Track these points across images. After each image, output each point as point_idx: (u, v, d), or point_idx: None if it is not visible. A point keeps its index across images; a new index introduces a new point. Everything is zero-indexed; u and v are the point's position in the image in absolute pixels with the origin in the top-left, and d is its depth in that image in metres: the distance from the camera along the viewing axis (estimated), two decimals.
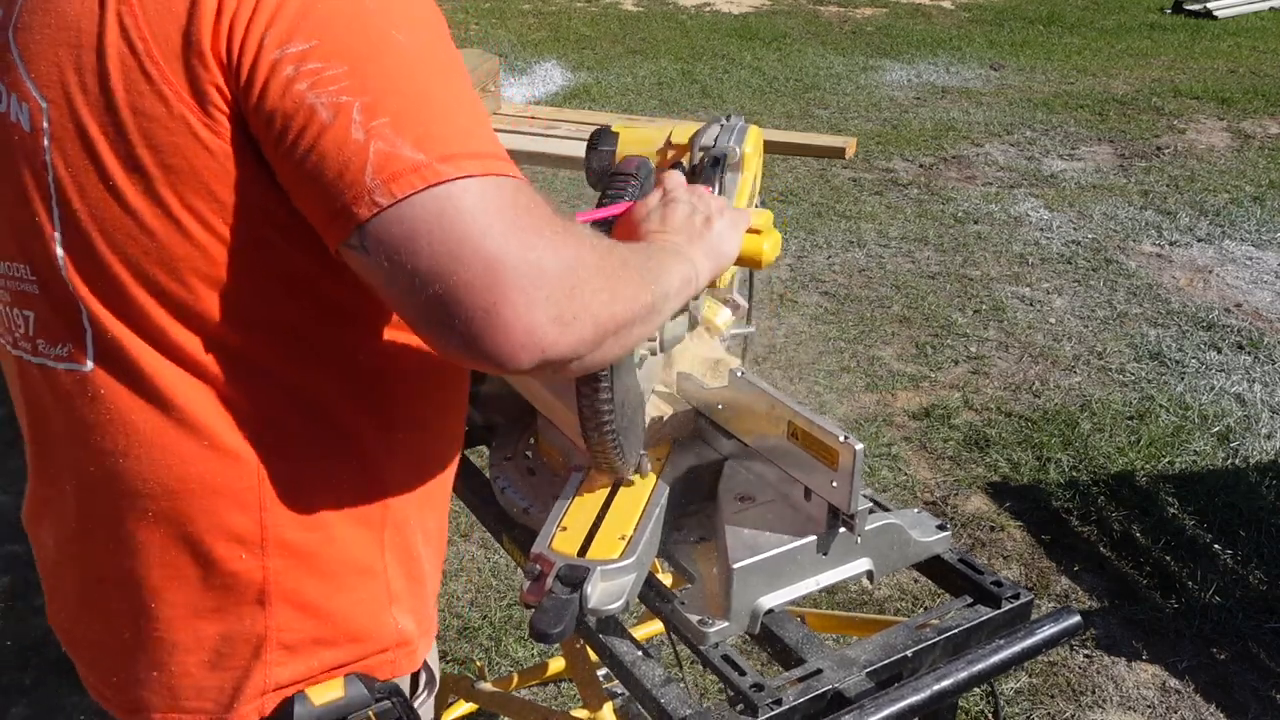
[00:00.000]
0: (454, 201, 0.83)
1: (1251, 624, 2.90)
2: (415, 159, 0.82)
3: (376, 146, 0.82)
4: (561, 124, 3.85)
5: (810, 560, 1.24)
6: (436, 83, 0.88)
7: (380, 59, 0.85)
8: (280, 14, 0.84)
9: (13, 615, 2.90)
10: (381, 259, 0.83)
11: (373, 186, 0.82)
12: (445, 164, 0.83)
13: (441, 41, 0.91)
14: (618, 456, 1.21)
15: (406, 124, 0.83)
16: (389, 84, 0.84)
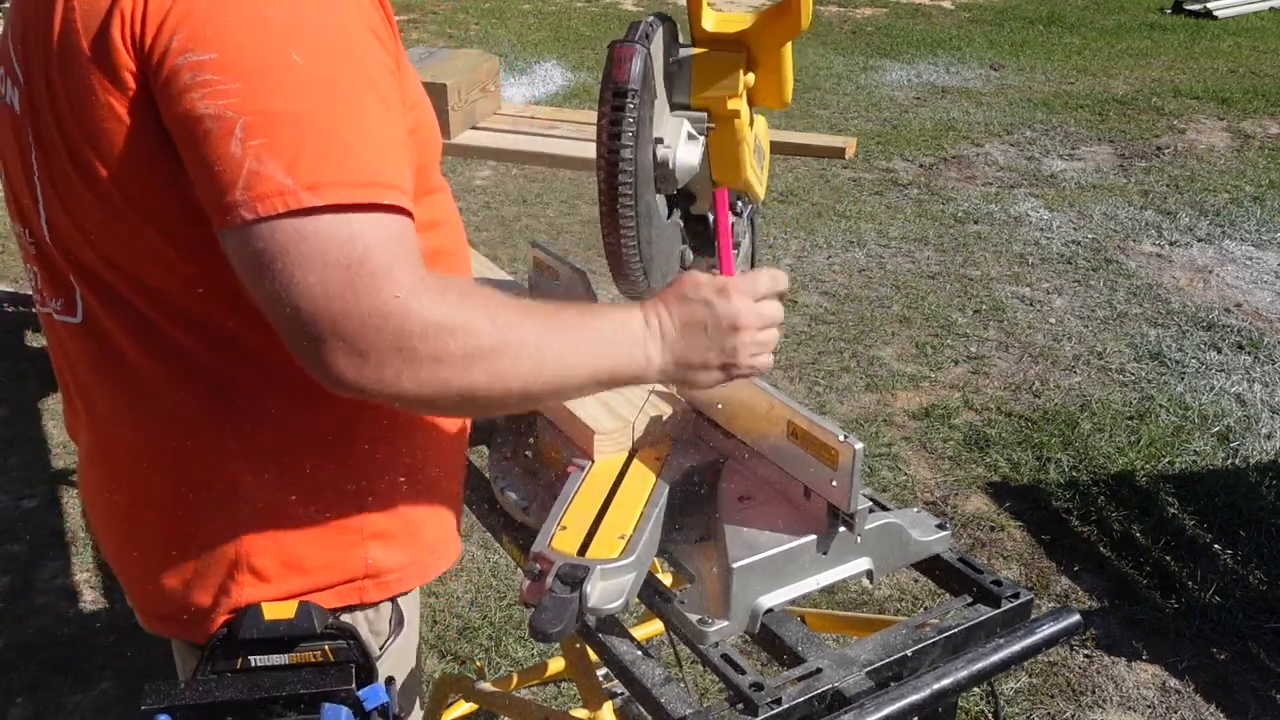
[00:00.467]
0: (310, 229, 0.87)
1: (1251, 624, 2.90)
2: (282, 183, 0.87)
3: (250, 165, 0.87)
4: (561, 124, 3.84)
5: (810, 560, 1.24)
6: (327, 107, 0.90)
7: (271, 80, 0.88)
8: (187, 20, 0.89)
9: (13, 615, 2.90)
10: (244, 264, 0.89)
11: (240, 201, 0.87)
12: (309, 191, 0.87)
13: (349, 65, 0.93)
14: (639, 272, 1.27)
15: (281, 147, 0.87)
16: (274, 105, 0.88)
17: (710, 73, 1.34)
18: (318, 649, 1.12)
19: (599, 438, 1.38)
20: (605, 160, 1.22)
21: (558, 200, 5.79)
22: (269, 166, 0.86)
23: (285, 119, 0.88)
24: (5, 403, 3.89)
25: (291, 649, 1.11)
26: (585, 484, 1.34)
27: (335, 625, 1.13)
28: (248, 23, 0.89)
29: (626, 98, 1.20)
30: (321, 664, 1.12)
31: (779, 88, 1.40)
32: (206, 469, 1.09)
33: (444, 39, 9.18)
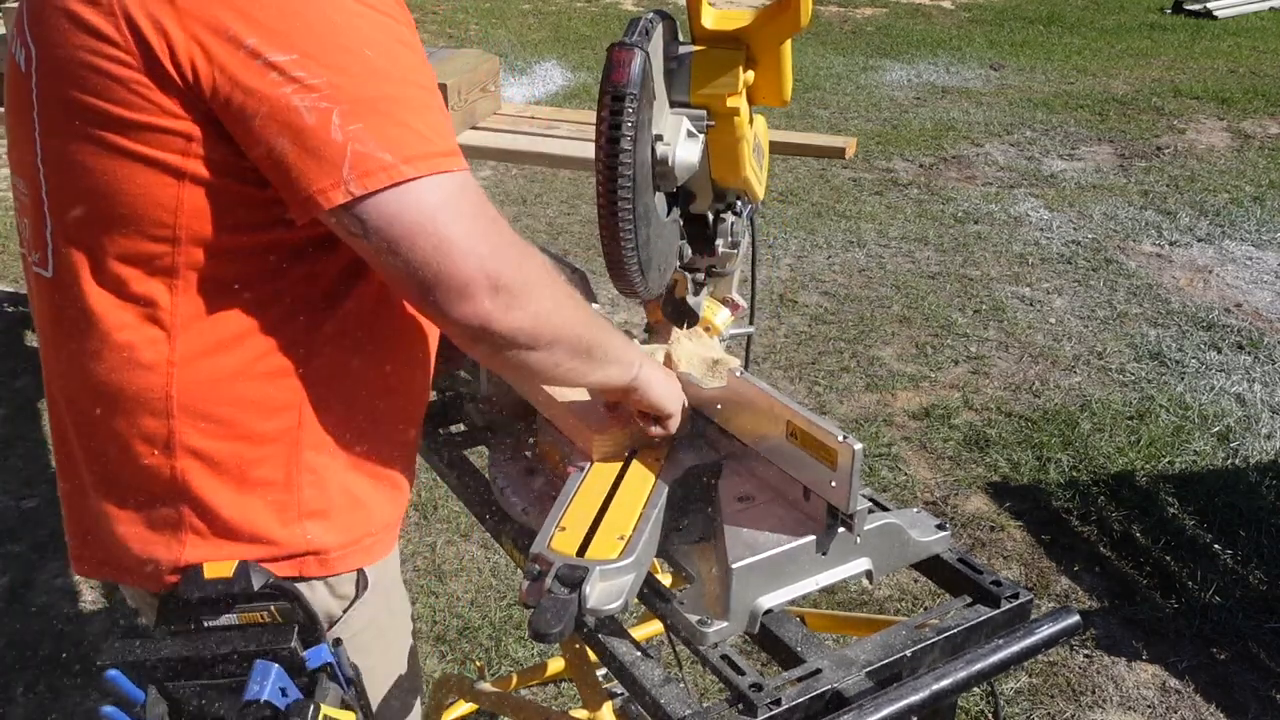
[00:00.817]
0: (413, 195, 1.01)
1: (1251, 624, 2.90)
2: (383, 159, 1.00)
3: (353, 148, 0.99)
4: (561, 124, 3.84)
5: (809, 560, 1.24)
6: (401, 92, 1.03)
7: (354, 73, 1.01)
8: (259, 20, 0.99)
9: (13, 615, 2.90)
10: (359, 234, 1.02)
11: (349, 179, 1.00)
12: (408, 165, 1.01)
13: (406, 55, 1.06)
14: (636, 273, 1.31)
15: (376, 129, 1.00)
16: (362, 94, 1.00)
17: (709, 70, 1.34)
18: (264, 609, 1.16)
19: (599, 438, 1.38)
20: (604, 163, 1.22)
21: (558, 200, 5.79)
22: (370, 146, 0.99)
23: (374, 104, 1.00)
24: (5, 403, 3.89)
25: (239, 609, 1.16)
26: (584, 484, 1.34)
27: (274, 585, 1.17)
28: (317, 25, 1.00)
29: (625, 101, 1.20)
30: (266, 624, 1.16)
31: (778, 86, 1.40)
32: (155, 424, 1.14)
33: (444, 39, 9.18)
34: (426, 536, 3.19)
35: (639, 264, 1.30)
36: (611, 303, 4.41)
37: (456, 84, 3.53)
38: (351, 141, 0.99)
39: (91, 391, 1.15)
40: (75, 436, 1.20)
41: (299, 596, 1.17)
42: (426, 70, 1.07)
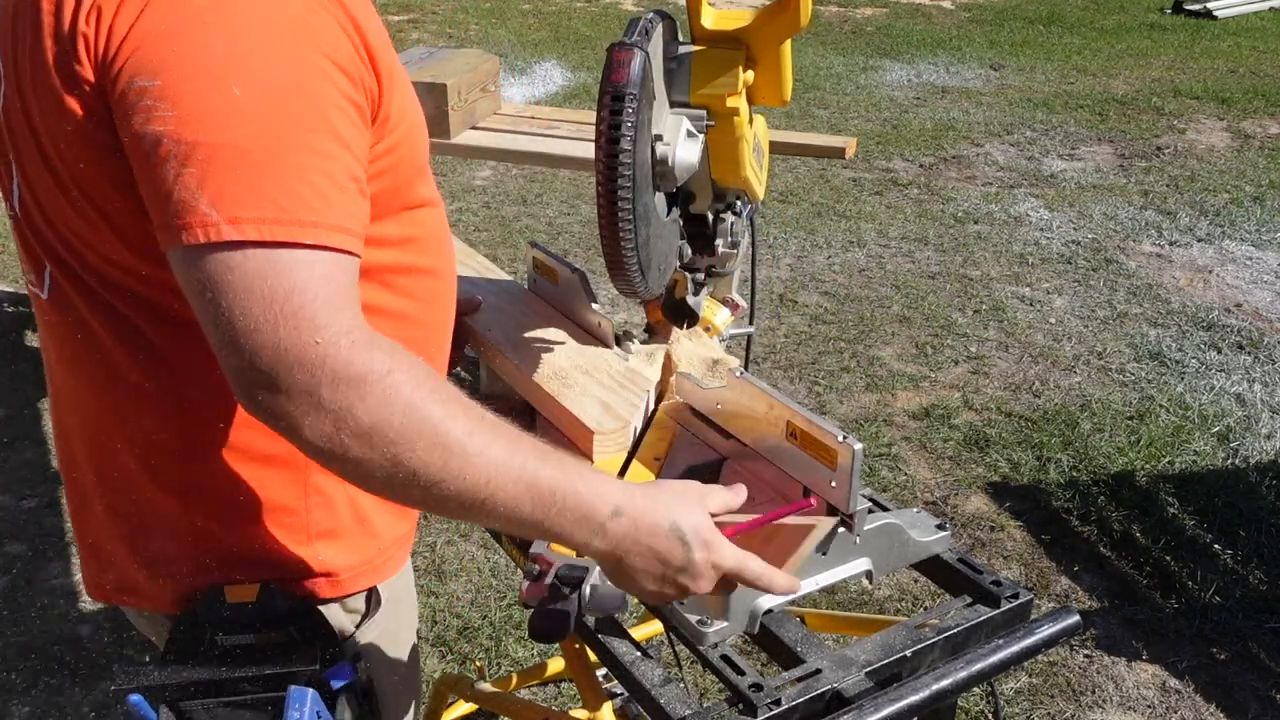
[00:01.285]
0: (238, 262, 0.88)
1: (1251, 624, 2.90)
2: (206, 214, 0.88)
3: (179, 193, 0.89)
4: (561, 124, 3.84)
5: (809, 560, 1.24)
6: (263, 142, 0.90)
7: (208, 111, 0.90)
8: (139, 45, 0.92)
9: (13, 615, 2.90)
10: (181, 285, 0.92)
11: (171, 226, 0.90)
12: (231, 225, 0.88)
13: (294, 99, 0.92)
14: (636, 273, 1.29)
15: (210, 179, 0.89)
16: (208, 137, 0.89)
17: (709, 70, 1.34)
18: (283, 630, 1.14)
19: (599, 438, 1.38)
20: (604, 163, 1.22)
21: (558, 200, 5.79)
22: (196, 196, 0.88)
23: (217, 151, 0.89)
24: (5, 403, 3.89)
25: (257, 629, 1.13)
26: None
27: (298, 609, 1.15)
28: (190, 52, 0.91)
29: (624, 101, 1.20)
30: (287, 644, 1.13)
31: (778, 86, 1.40)
32: (163, 446, 1.12)
33: (444, 39, 9.19)
34: (426, 536, 3.19)
35: (639, 264, 1.30)
36: (611, 303, 4.41)
37: (456, 84, 3.53)
38: (179, 187, 0.89)
39: (103, 422, 1.13)
40: (86, 461, 1.18)
41: (322, 618, 1.16)
42: (323, 121, 0.93)
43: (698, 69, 1.35)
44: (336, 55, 0.95)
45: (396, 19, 9.86)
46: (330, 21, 0.96)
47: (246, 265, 0.88)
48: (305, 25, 0.94)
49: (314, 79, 0.93)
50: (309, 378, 0.88)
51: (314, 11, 0.95)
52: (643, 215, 1.28)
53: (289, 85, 0.92)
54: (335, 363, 0.89)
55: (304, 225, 0.90)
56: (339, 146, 0.94)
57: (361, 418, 0.89)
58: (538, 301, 1.74)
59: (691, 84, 1.35)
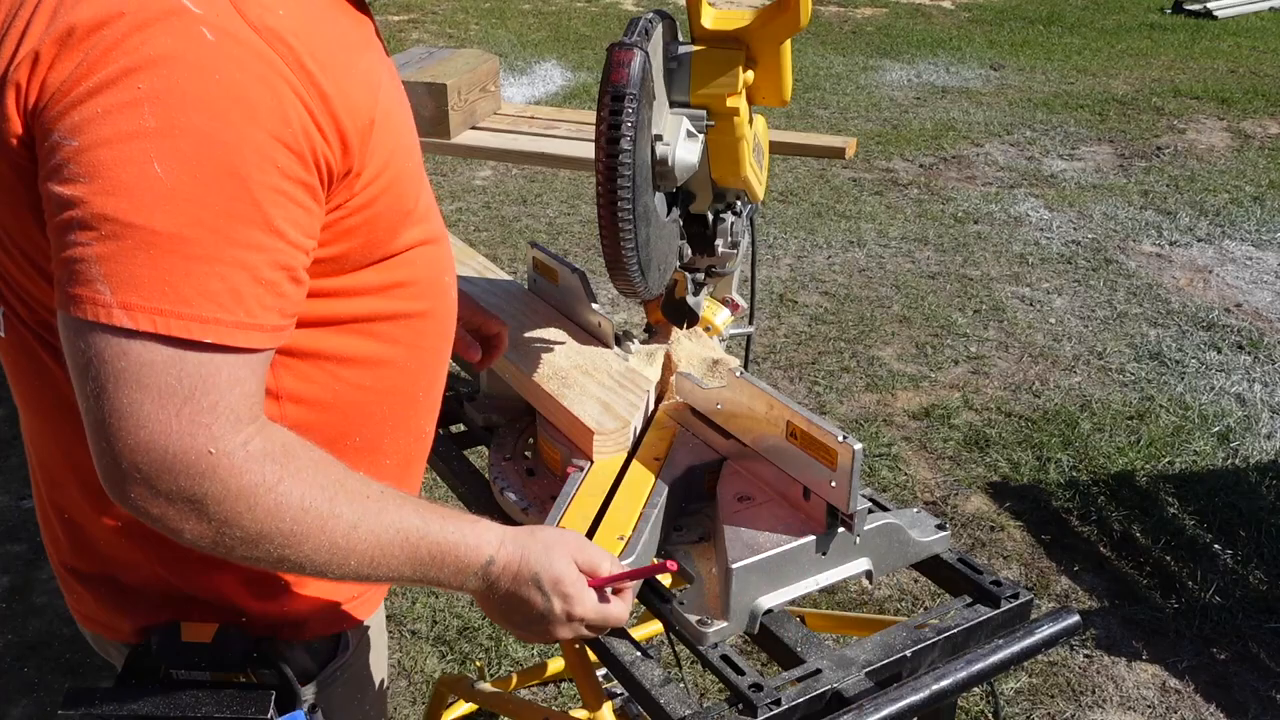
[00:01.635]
0: (134, 349, 0.84)
1: (1251, 624, 2.90)
2: (99, 292, 0.84)
3: (76, 265, 0.85)
4: (561, 124, 3.84)
5: (809, 560, 1.24)
6: (177, 228, 0.84)
7: (121, 185, 0.84)
8: (73, 105, 0.86)
9: (13, 615, 2.90)
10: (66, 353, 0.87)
11: (64, 291, 0.85)
12: (122, 310, 0.84)
13: (224, 184, 0.86)
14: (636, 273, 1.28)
15: (111, 257, 0.84)
16: (116, 212, 0.84)
17: (709, 70, 1.34)
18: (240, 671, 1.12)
19: (599, 438, 1.38)
20: (604, 163, 1.22)
21: (558, 200, 5.79)
22: (94, 270, 0.84)
23: (126, 230, 0.83)
24: (5, 402, 3.89)
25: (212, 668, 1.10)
26: (584, 484, 1.34)
27: (257, 653, 1.12)
28: (116, 117, 0.84)
29: (624, 101, 1.20)
30: (242, 685, 1.11)
31: (778, 86, 1.40)
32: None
33: (444, 39, 9.19)
34: None
35: (639, 264, 1.30)
36: (611, 303, 4.41)
37: (456, 84, 3.53)
38: (79, 256, 0.83)
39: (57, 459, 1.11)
40: (47, 496, 1.16)
41: (276, 664, 1.12)
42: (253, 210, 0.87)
43: (698, 69, 1.35)
44: (283, 132, 0.88)
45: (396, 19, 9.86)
46: (281, 92, 0.88)
47: (144, 356, 0.84)
48: (248, 100, 0.86)
49: (250, 162, 0.86)
50: (195, 487, 0.86)
51: (263, 81, 0.88)
52: (643, 215, 1.28)
53: (219, 168, 0.85)
54: (227, 475, 0.87)
55: (206, 322, 0.85)
56: (269, 236, 0.88)
57: (248, 527, 0.89)
58: (538, 301, 1.74)
59: (691, 84, 1.35)
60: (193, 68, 0.85)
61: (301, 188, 0.91)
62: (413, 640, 2.80)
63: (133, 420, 0.84)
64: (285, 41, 0.90)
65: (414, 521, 0.99)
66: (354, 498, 0.96)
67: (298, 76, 0.90)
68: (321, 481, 0.93)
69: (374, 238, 1.03)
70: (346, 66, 0.95)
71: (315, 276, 0.98)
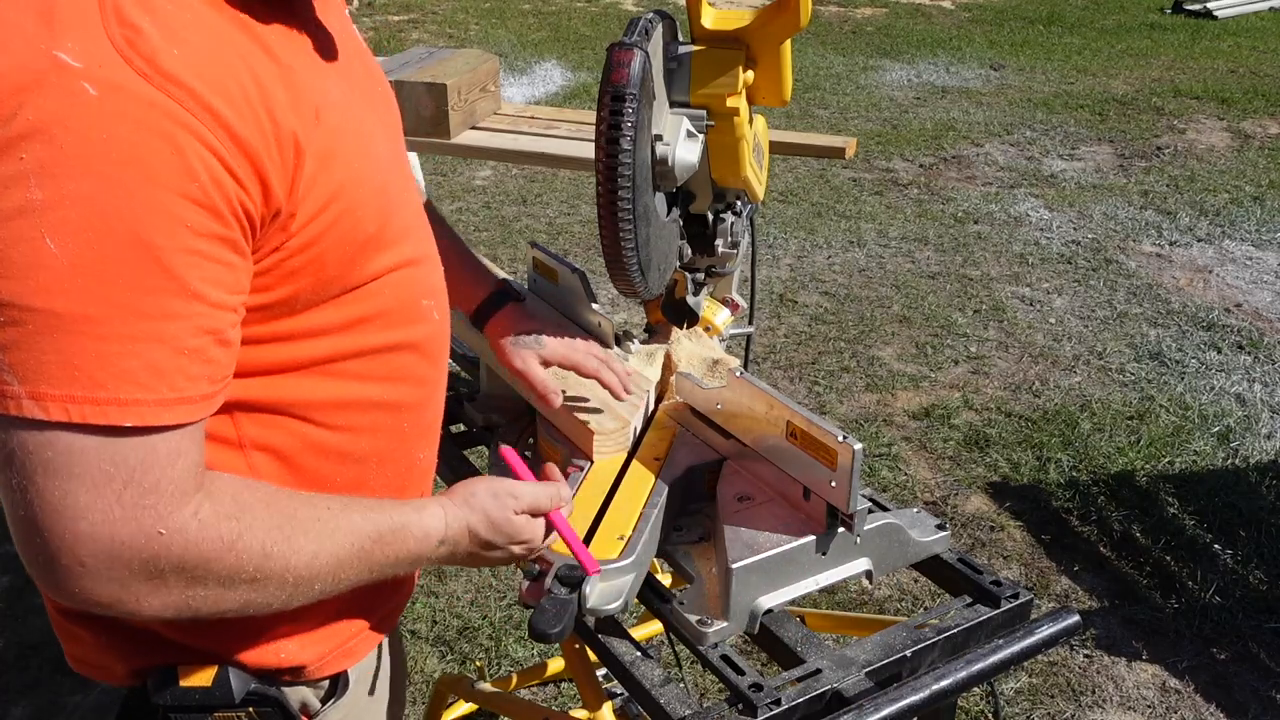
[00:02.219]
0: (40, 440, 0.79)
1: (1251, 624, 2.90)
2: (8, 384, 0.78)
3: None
4: (561, 124, 3.84)
5: (809, 560, 1.24)
6: (81, 307, 0.78)
7: (14, 269, 0.77)
8: None
9: (13, 615, 2.90)
10: None
11: None
12: (34, 401, 0.78)
13: (128, 254, 0.79)
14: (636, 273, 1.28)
15: (14, 345, 0.78)
16: (14, 297, 0.78)
17: (709, 70, 1.34)
18: (241, 712, 1.08)
19: (599, 438, 1.38)
20: (604, 163, 1.22)
21: (558, 200, 5.79)
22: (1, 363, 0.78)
23: (26, 315, 0.77)
24: None
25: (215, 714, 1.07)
26: (584, 485, 1.34)
27: (257, 693, 1.08)
28: (8, 198, 0.77)
29: (625, 101, 1.20)
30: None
31: (778, 85, 1.40)
32: None
33: (444, 39, 9.19)
34: None
35: (639, 264, 1.30)
36: (611, 303, 4.41)
37: (456, 84, 3.53)
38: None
39: None
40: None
41: (279, 703, 1.09)
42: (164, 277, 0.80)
43: (698, 69, 1.35)
44: (189, 188, 0.81)
45: (396, 19, 9.86)
46: (183, 143, 0.80)
47: (72, 444, 0.79)
48: (143, 159, 0.79)
49: (154, 226, 0.80)
50: (150, 568, 0.83)
51: (159, 135, 0.80)
52: (643, 215, 1.28)
53: (120, 238, 0.78)
54: (182, 551, 0.84)
55: (125, 405, 0.80)
56: (187, 302, 0.82)
57: (211, 589, 0.88)
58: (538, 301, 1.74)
59: (691, 84, 1.35)
60: (77, 131, 0.77)
61: (219, 243, 0.84)
62: (413, 640, 2.80)
63: (70, 513, 0.80)
64: (183, 84, 0.81)
65: (366, 530, 0.98)
66: (308, 526, 0.94)
67: (202, 121, 0.81)
68: (276, 522, 0.91)
69: (325, 275, 0.96)
70: (264, 100, 0.86)
71: (264, 321, 0.94)
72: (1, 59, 0.78)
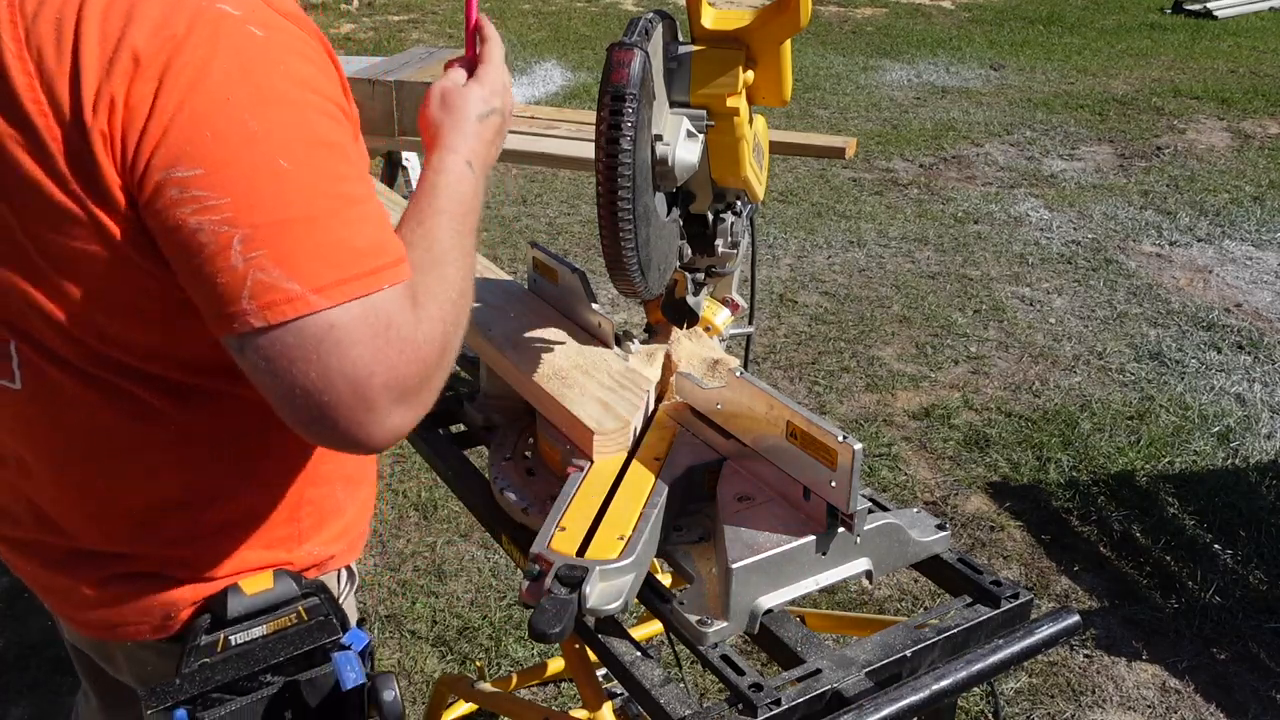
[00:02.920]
0: (323, 330, 0.91)
1: (1251, 624, 2.90)
2: (290, 289, 0.90)
3: (255, 276, 0.90)
4: (561, 124, 3.84)
5: (809, 560, 1.24)
6: (319, 207, 0.92)
7: (263, 191, 0.90)
8: (167, 135, 0.90)
9: (13, 615, 2.90)
10: (258, 366, 0.93)
11: (249, 310, 0.90)
12: (318, 295, 0.91)
13: (328, 157, 0.95)
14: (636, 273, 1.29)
15: (284, 255, 0.90)
16: (270, 216, 0.90)
17: (709, 70, 1.34)
18: (290, 613, 1.18)
19: (599, 438, 1.38)
20: (604, 163, 1.22)
21: (558, 200, 5.79)
22: (274, 275, 0.90)
23: (282, 227, 0.90)
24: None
25: (265, 619, 1.17)
26: (585, 484, 1.34)
27: (312, 583, 1.22)
28: (228, 135, 0.90)
29: (625, 101, 1.20)
30: (301, 625, 1.17)
31: (778, 86, 1.40)
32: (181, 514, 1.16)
33: (444, 39, 9.19)
34: (426, 536, 3.19)
35: (639, 264, 1.30)
36: (611, 303, 4.41)
37: None
38: (254, 269, 0.89)
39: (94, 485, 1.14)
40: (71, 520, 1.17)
41: (327, 588, 1.23)
42: (351, 165, 0.97)
43: (698, 69, 1.35)
44: (338, 97, 1.00)
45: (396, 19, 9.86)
46: (323, 65, 1.00)
47: (344, 319, 0.92)
48: (310, 79, 0.96)
49: (332, 129, 0.96)
50: (421, 385, 0.98)
51: (311, 60, 0.98)
52: (643, 215, 1.28)
53: (322, 144, 0.94)
54: (428, 357, 0.98)
55: (375, 273, 0.94)
56: (366, 185, 0.98)
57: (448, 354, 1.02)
58: (538, 301, 1.74)
59: (691, 84, 1.35)
60: (262, 66, 0.93)
61: (355, 143, 1.02)
62: (413, 640, 2.80)
63: (364, 374, 0.93)
64: (305, 23, 1.01)
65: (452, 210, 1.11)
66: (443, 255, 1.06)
67: (325, 51, 1.01)
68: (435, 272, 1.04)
69: None
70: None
71: None
72: (177, 18, 0.92)
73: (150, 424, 1.10)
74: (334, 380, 0.92)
